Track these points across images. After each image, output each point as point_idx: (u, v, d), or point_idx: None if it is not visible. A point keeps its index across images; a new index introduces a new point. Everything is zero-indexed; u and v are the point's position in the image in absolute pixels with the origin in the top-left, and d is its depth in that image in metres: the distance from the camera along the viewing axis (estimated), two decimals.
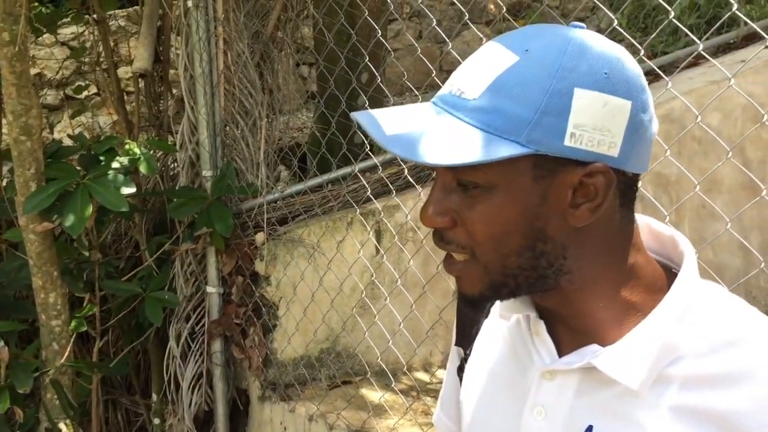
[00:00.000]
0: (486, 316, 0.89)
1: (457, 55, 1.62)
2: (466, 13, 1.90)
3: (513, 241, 0.69)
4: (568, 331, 0.74)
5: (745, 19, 1.82)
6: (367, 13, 2.30)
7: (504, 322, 0.83)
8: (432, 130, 0.67)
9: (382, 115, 0.69)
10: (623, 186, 0.70)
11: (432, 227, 0.72)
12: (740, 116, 2.88)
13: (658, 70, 1.93)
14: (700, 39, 1.61)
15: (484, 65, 0.68)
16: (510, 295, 0.73)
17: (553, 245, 0.69)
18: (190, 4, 2.51)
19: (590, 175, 0.67)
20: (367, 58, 2.33)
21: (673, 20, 1.50)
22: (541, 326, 0.76)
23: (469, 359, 0.89)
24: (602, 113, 0.65)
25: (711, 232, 2.87)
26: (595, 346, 0.71)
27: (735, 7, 1.44)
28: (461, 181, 0.69)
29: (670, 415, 0.67)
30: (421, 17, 5.71)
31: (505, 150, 0.65)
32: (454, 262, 0.73)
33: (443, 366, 2.56)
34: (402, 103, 4.62)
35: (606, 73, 0.66)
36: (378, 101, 2.74)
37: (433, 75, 2.02)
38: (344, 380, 2.42)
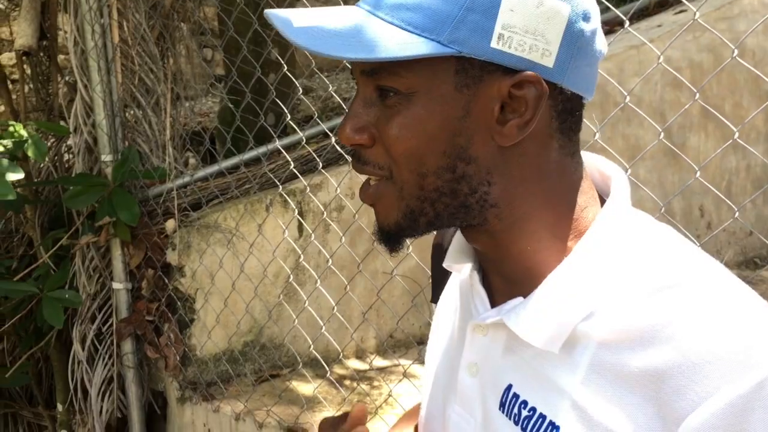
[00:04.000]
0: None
1: None
2: None
3: (432, 159, 0.62)
4: (501, 280, 0.67)
5: None
6: None
7: (458, 276, 0.77)
8: (347, 27, 0.61)
9: (295, 12, 0.63)
10: (562, 107, 0.62)
11: (350, 144, 0.65)
12: (660, 81, 2.87)
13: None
14: (615, 6, 1.53)
15: None
16: (429, 225, 0.65)
17: (477, 167, 0.62)
18: None
19: (519, 86, 0.60)
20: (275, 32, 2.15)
21: None
22: (475, 276, 0.70)
23: (434, 316, 0.85)
24: (535, 14, 0.59)
25: (635, 198, 2.86)
26: (518, 299, 0.64)
27: None
28: (381, 86, 0.62)
29: (587, 377, 0.59)
30: None
31: (424, 48, 0.58)
32: (368, 187, 0.66)
33: (377, 352, 2.42)
34: (312, 86, 4.45)
35: None
36: (289, 81, 2.56)
37: None
38: (272, 374, 2.24)
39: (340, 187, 2.16)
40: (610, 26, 3.18)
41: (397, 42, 0.59)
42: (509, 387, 0.64)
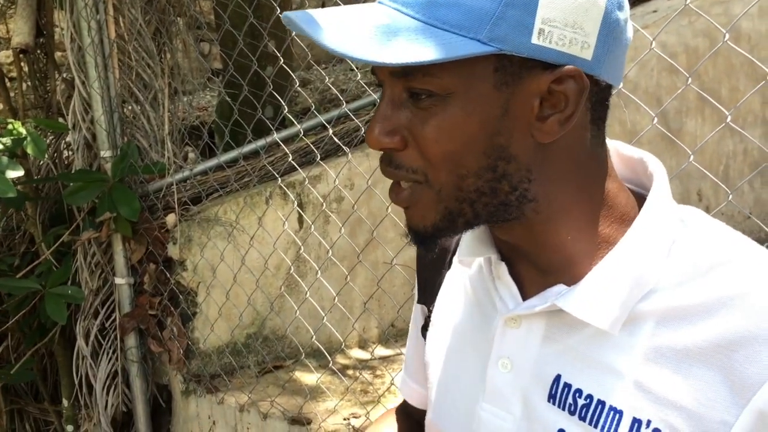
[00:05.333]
0: (448, 268, 0.80)
1: None
2: None
3: (471, 160, 0.60)
4: (534, 271, 0.66)
5: None
6: None
7: (465, 271, 0.75)
8: (381, 29, 0.57)
9: (318, 13, 0.59)
10: (595, 98, 0.61)
11: (379, 149, 0.62)
12: (656, 66, 2.87)
13: None
14: None
15: None
16: (467, 225, 0.63)
17: (517, 165, 0.60)
18: None
19: (560, 81, 0.58)
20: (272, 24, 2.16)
21: None
22: (503, 268, 0.68)
23: (432, 316, 0.81)
24: (574, 7, 0.57)
25: None
26: (561, 287, 0.63)
27: None
28: (413, 89, 0.59)
29: (647, 356, 0.59)
30: None
31: (467, 48, 0.55)
32: (401, 190, 0.63)
33: (379, 341, 2.44)
34: (310, 78, 4.45)
35: None
36: (286, 74, 2.56)
37: None
38: (275, 365, 2.26)
39: (339, 178, 2.17)
40: None
41: (434, 43, 0.56)
42: (558, 377, 0.63)
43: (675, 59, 2.86)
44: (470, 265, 0.73)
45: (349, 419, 1.91)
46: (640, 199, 0.66)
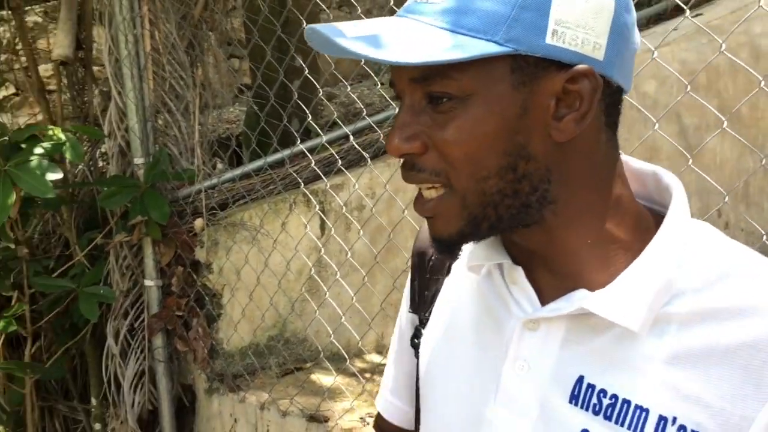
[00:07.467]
0: (447, 275, 0.81)
1: None
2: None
3: (493, 161, 0.62)
4: (550, 276, 0.68)
5: None
6: None
7: (472, 277, 0.75)
8: (400, 34, 0.61)
9: (341, 24, 0.63)
10: (609, 100, 0.64)
11: (399, 155, 0.64)
12: (675, 83, 2.91)
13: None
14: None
15: None
16: (491, 230, 0.65)
17: (537, 165, 0.63)
18: None
19: (574, 80, 0.61)
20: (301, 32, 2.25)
21: None
22: (519, 273, 0.69)
23: (429, 323, 0.81)
24: (585, 8, 0.60)
25: None
26: (583, 291, 0.65)
27: None
28: (432, 93, 0.62)
29: (671, 356, 0.61)
30: (351, 7, 5.65)
31: (483, 49, 0.59)
32: (425, 201, 0.65)
33: None
34: (336, 93, 4.55)
35: None
36: (312, 86, 2.66)
37: (362, 63, 1.97)
38: (296, 366, 2.33)
39: (360, 187, 2.24)
40: None
41: (455, 45, 0.58)
42: (581, 378, 0.64)
43: (695, 76, 2.91)
44: (479, 271, 0.74)
45: (364, 418, 1.97)
46: (651, 213, 0.68)
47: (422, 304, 0.83)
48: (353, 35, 0.60)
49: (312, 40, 0.64)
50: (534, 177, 0.63)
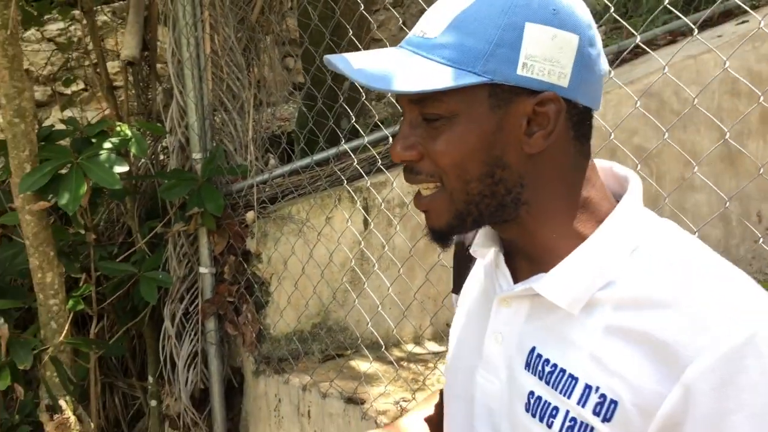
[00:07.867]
0: (474, 261, 0.95)
1: None
2: None
3: (474, 168, 0.74)
4: (526, 262, 0.80)
5: None
6: None
7: (481, 261, 0.89)
8: (398, 66, 0.73)
9: (351, 55, 0.76)
10: (576, 118, 0.75)
11: (400, 161, 0.78)
12: (717, 89, 2.95)
13: (644, 46, 1.99)
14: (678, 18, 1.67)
15: (445, 8, 0.75)
16: (474, 224, 0.78)
17: (510, 172, 0.75)
18: None
19: (542, 104, 0.73)
20: (351, 32, 2.39)
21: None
22: (501, 258, 0.83)
23: (459, 300, 0.97)
24: (551, 45, 0.71)
25: (691, 203, 2.95)
26: (541, 274, 0.76)
27: None
28: (426, 115, 0.75)
29: (603, 334, 0.71)
30: (405, 7, 5.77)
31: (465, 79, 0.71)
32: (422, 197, 0.79)
33: (433, 338, 2.62)
34: (385, 92, 4.68)
35: (554, 10, 0.72)
36: (360, 87, 2.79)
37: None
38: (337, 353, 2.47)
39: (402, 185, 2.37)
40: (673, 36, 3.29)
41: (442, 75, 0.71)
42: (533, 349, 0.76)
43: (738, 83, 2.94)
44: (484, 256, 0.87)
45: (399, 402, 2.10)
46: None
47: (459, 286, 0.99)
48: (359, 67, 0.74)
49: (331, 68, 0.76)
50: (508, 182, 0.75)
